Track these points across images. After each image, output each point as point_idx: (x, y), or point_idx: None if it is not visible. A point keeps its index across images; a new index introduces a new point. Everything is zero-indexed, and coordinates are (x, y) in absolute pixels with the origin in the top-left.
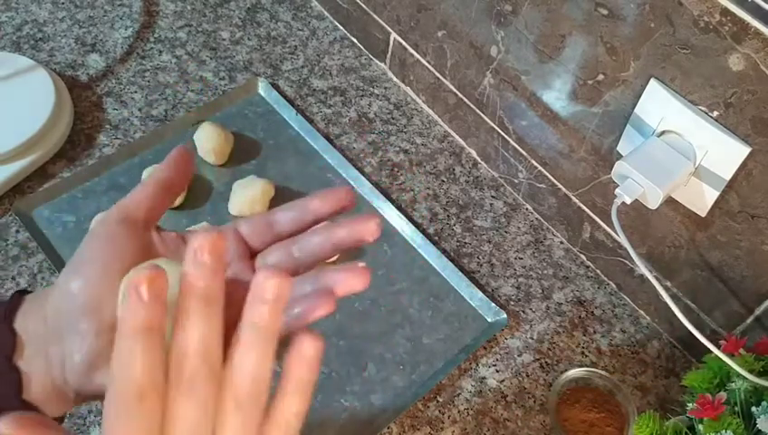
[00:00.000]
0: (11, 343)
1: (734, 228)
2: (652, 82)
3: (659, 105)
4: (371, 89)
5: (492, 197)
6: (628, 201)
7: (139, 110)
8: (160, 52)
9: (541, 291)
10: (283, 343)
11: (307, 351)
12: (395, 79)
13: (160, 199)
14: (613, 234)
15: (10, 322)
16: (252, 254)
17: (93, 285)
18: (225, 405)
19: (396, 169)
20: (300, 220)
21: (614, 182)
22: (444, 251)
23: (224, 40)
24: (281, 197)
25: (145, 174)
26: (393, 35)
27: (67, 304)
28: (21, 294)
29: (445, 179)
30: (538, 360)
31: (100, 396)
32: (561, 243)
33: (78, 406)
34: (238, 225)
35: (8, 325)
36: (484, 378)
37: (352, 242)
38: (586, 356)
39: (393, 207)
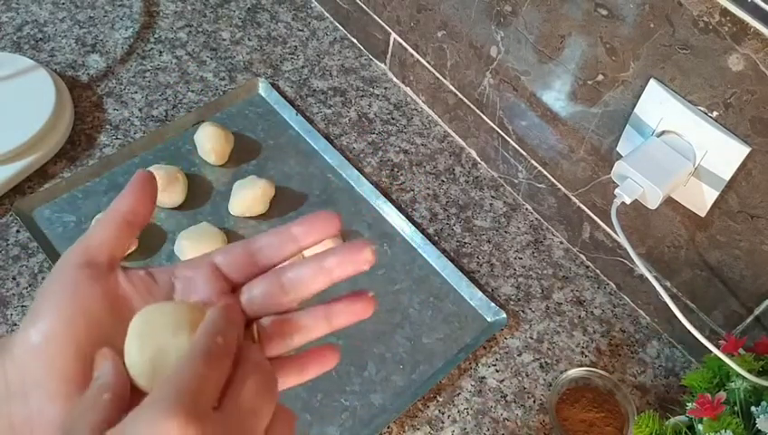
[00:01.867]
0: None
1: (734, 228)
2: (652, 82)
3: (659, 105)
4: (371, 89)
5: (492, 197)
6: (628, 201)
7: (140, 110)
8: (161, 52)
9: (540, 291)
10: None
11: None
12: (395, 79)
13: (124, 236)
14: (613, 234)
15: None
16: (233, 287)
17: (57, 339)
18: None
19: (396, 169)
20: (283, 248)
21: (614, 182)
22: (444, 251)
23: (224, 40)
24: (281, 197)
25: None
26: (393, 36)
27: (30, 358)
28: None
29: (445, 179)
30: (538, 359)
31: None
32: (561, 243)
33: None
34: (214, 256)
35: None
36: (483, 378)
37: (346, 273)
38: (586, 356)
39: (393, 207)
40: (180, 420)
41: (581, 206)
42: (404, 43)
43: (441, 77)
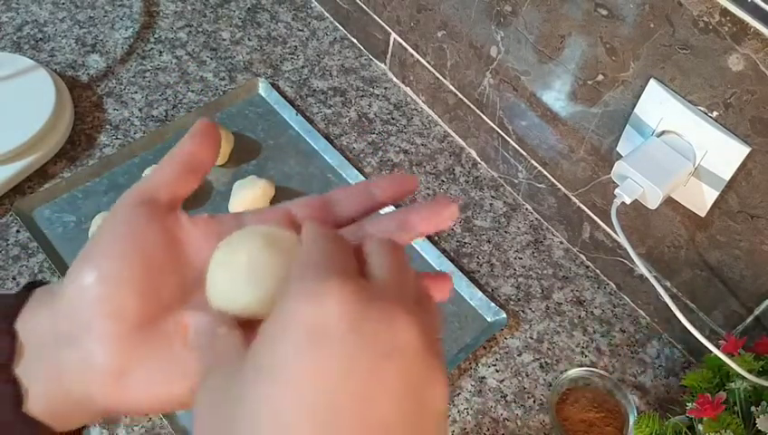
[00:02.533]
0: (8, 350)
1: (734, 228)
2: (652, 82)
3: (659, 105)
4: (371, 89)
5: (492, 197)
6: (628, 201)
7: (140, 110)
8: (161, 52)
9: (540, 291)
10: None
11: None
12: (395, 79)
13: (186, 177)
14: (613, 234)
15: (10, 321)
16: None
17: (110, 278)
18: None
19: (396, 169)
20: (362, 205)
21: (614, 182)
22: (444, 251)
23: (224, 40)
24: (281, 197)
25: (147, 172)
26: (393, 36)
27: (80, 300)
28: (31, 287)
29: (445, 179)
30: (538, 359)
31: (135, 409)
32: (561, 243)
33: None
34: (288, 205)
35: (7, 326)
36: (483, 378)
37: (428, 229)
38: (586, 356)
39: (393, 207)
40: (336, 279)
41: (581, 206)
42: (404, 43)
43: (441, 77)
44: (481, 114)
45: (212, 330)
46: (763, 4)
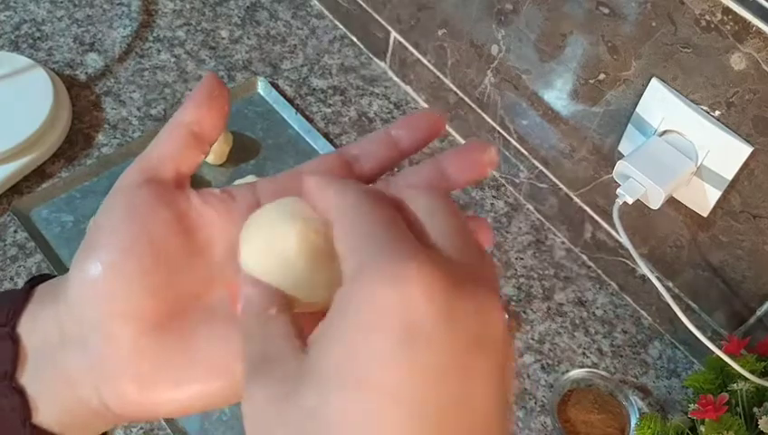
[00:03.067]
0: (11, 356)
1: (736, 228)
2: (653, 81)
3: (661, 104)
4: (371, 88)
5: (493, 197)
6: (630, 201)
7: (138, 109)
8: (159, 51)
9: (542, 291)
10: None
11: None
12: (395, 78)
13: (191, 148)
14: (615, 234)
15: (12, 326)
16: None
17: (117, 272)
18: None
19: (396, 169)
20: (385, 156)
21: (616, 182)
22: None
23: (223, 39)
24: None
25: None
26: (393, 34)
27: (86, 298)
28: (34, 283)
29: None
30: (539, 361)
31: (159, 415)
32: (563, 243)
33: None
34: (303, 168)
35: (9, 332)
36: None
37: (466, 178)
38: (587, 357)
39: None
40: (413, 259)
41: (583, 206)
42: (404, 42)
43: (442, 76)
44: (482, 113)
45: (264, 308)
46: (764, 3)
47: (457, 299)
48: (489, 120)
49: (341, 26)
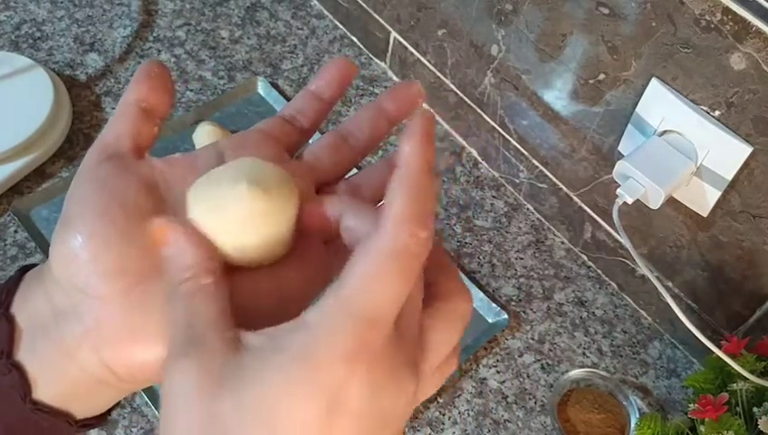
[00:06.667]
0: (6, 335)
1: (736, 228)
2: (653, 81)
3: (661, 105)
4: (371, 88)
5: (492, 196)
6: (630, 201)
7: None
8: (159, 51)
9: (542, 291)
10: None
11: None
12: (395, 78)
13: (143, 123)
14: (615, 234)
15: (6, 307)
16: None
17: (95, 237)
18: None
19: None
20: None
21: (615, 182)
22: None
23: (223, 39)
24: None
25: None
26: (393, 34)
27: (71, 266)
28: (24, 271)
29: (445, 179)
30: (539, 360)
31: (149, 378)
32: (563, 243)
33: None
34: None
35: (4, 311)
36: (484, 379)
37: (403, 110)
38: (587, 357)
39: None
40: (365, 354)
41: (583, 206)
42: (404, 42)
43: (442, 76)
44: (482, 113)
45: (197, 275)
46: (764, 3)
47: (385, 388)
48: (489, 120)
49: (341, 26)
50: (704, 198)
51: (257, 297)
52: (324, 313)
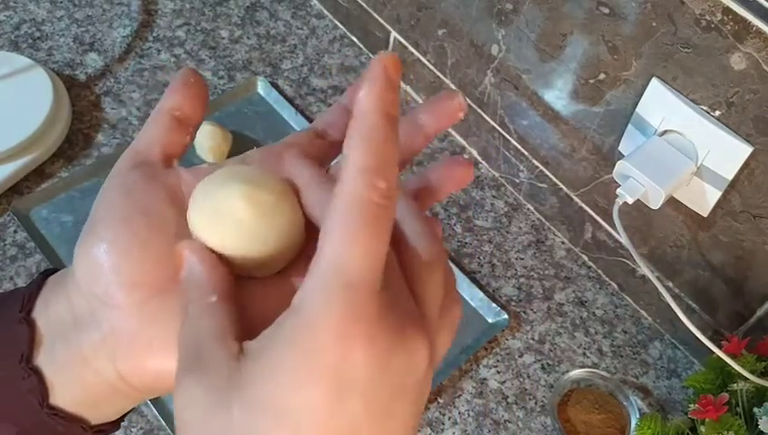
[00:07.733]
0: (27, 339)
1: (737, 228)
2: (654, 81)
3: (661, 104)
4: None
5: (493, 196)
6: (630, 201)
7: (138, 109)
8: (159, 51)
9: (542, 291)
10: None
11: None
12: None
13: (175, 132)
14: (615, 234)
15: (28, 311)
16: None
17: (120, 245)
18: None
19: None
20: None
21: (616, 182)
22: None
23: (223, 39)
24: None
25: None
26: (393, 34)
27: (91, 275)
28: (46, 275)
29: None
30: (539, 361)
31: (163, 388)
32: (563, 243)
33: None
34: (288, 141)
35: (25, 316)
36: (484, 379)
37: (441, 125)
38: (587, 357)
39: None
40: (362, 323)
41: (583, 206)
42: (404, 42)
43: (442, 76)
44: (482, 113)
45: (205, 293)
46: (765, 3)
47: (392, 353)
48: (489, 120)
49: (341, 26)
50: (704, 198)
51: (268, 304)
52: (308, 292)
